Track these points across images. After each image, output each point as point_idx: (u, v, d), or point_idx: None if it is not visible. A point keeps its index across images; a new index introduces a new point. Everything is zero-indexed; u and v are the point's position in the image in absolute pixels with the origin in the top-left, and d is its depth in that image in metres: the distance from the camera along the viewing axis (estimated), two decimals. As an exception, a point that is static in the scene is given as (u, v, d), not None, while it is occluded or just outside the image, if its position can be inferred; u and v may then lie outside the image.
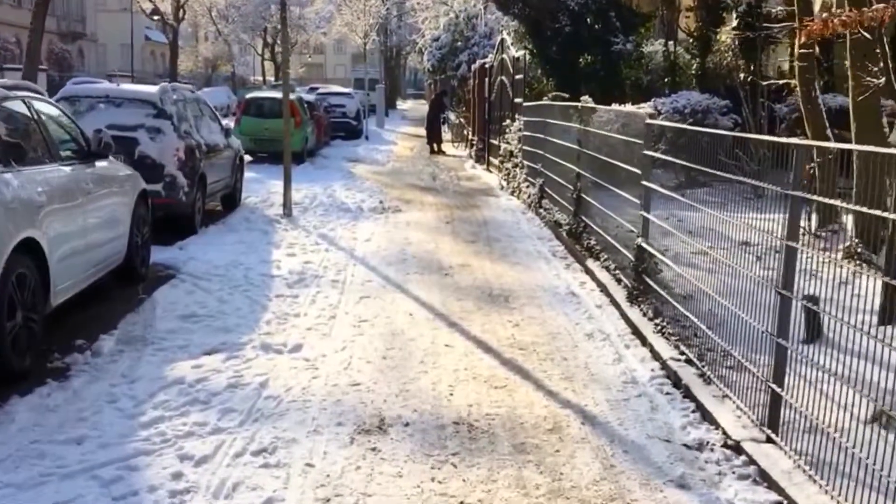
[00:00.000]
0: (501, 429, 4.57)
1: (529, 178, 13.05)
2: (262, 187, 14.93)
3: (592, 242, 8.30)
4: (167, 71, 46.28)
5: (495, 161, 18.07)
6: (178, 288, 7.39)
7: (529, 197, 12.44)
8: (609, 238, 7.87)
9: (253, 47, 58.79)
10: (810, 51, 7.84)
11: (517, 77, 15.20)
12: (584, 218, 8.94)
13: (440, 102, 25.43)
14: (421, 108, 57.48)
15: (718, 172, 5.39)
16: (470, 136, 23.12)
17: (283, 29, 11.76)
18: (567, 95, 11.79)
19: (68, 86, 10.23)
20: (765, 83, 12.21)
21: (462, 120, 25.92)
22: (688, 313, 5.51)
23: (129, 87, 10.50)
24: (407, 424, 4.60)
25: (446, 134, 26.03)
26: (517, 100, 15.00)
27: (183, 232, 10.09)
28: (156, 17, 40.28)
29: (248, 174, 17.34)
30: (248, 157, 20.38)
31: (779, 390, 4.05)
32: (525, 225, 11.24)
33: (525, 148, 13.62)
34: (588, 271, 8.08)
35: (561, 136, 10.50)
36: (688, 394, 4.89)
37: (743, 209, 5.19)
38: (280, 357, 5.70)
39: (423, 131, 26.20)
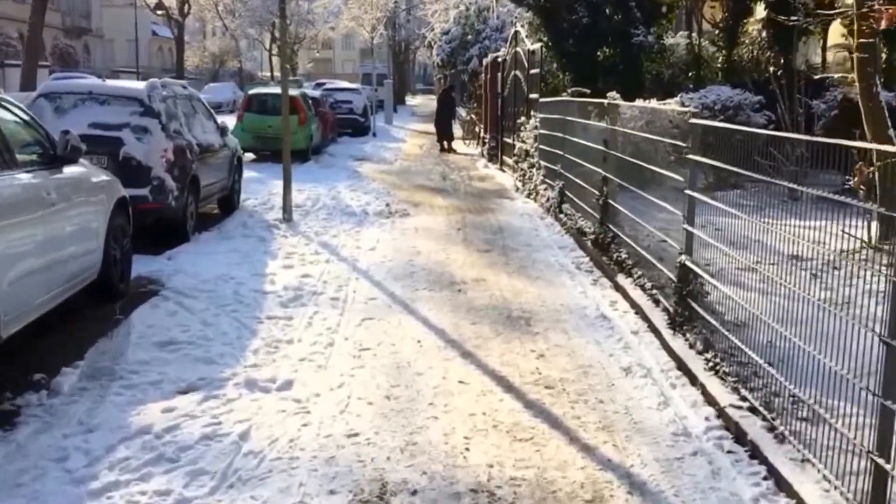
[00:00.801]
0: (530, 500, 3.73)
1: (547, 180, 12.18)
2: (263, 188, 14.13)
3: (623, 255, 7.43)
4: (175, 67, 45.59)
5: (509, 160, 17.20)
6: (159, 308, 6.58)
7: (548, 200, 11.58)
8: (642, 251, 7.00)
9: (261, 42, 58.08)
10: (871, 41, 6.94)
11: (532, 72, 14.32)
12: (611, 227, 8.08)
13: (449, 98, 24.54)
14: (431, 103, 56.58)
15: (774, 180, 4.58)
16: (482, 134, 22.24)
17: (281, 21, 10.94)
18: (588, 91, 10.92)
19: (48, 81, 9.41)
20: (816, 77, 11.26)
21: (473, 116, 25.04)
22: (745, 347, 4.66)
23: (114, 83, 9.71)
24: (414, 493, 3.77)
25: (456, 130, 25.15)
26: (532, 96, 14.13)
27: (174, 239, 9.31)
28: (160, 12, 39.56)
29: (249, 174, 16.57)
30: (250, 156, 19.67)
31: (886, 465, 3.20)
32: (544, 232, 10.38)
33: (542, 147, 12.75)
34: (619, 288, 7.21)
35: (583, 136, 9.64)
36: (756, 453, 4.03)
37: (780, 214, 4.53)
38: (266, 397, 4.88)
39: (432, 128, 25.35)
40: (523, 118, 14.59)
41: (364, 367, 5.40)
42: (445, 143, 23.53)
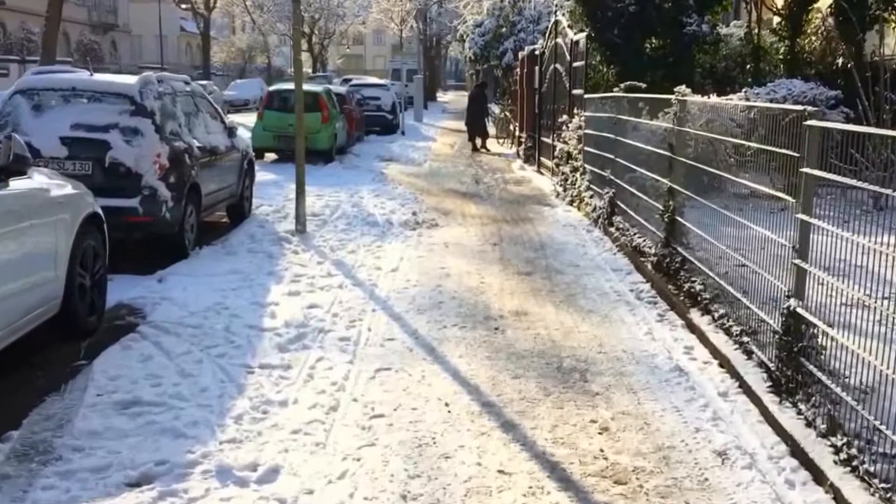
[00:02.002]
0: None
1: (594, 187, 10.83)
2: (279, 193, 12.93)
3: (697, 286, 6.08)
4: (203, 63, 44.82)
5: (548, 162, 15.86)
6: (131, 350, 5.38)
7: (595, 210, 10.23)
8: (724, 283, 5.65)
9: (289, 38, 57.17)
10: None
11: (576, 65, 12.96)
12: (679, 249, 6.73)
13: (481, 94, 23.19)
14: (462, 100, 55.19)
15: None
16: (517, 133, 20.89)
17: (294, 6, 9.72)
18: (643, 85, 9.56)
19: (26, 76, 8.29)
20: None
21: (507, 114, 23.68)
22: (887, 431, 3.34)
23: (102, 77, 8.55)
24: None
25: (490, 129, 23.80)
26: (576, 91, 12.77)
27: (170, 255, 8.16)
28: (184, 6, 38.71)
29: (267, 176, 15.42)
30: (271, 156, 18.54)
31: None
32: (593, 248, 9.03)
33: (587, 149, 11.40)
34: (693, 328, 5.86)
35: (640, 138, 8.29)
36: None
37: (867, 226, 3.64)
38: (241, 495, 3.64)
39: (464, 126, 24.05)
40: (565, 116, 13.25)
41: (375, 444, 4.14)
42: (478, 141, 22.23)
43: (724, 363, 5.13)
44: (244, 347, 5.48)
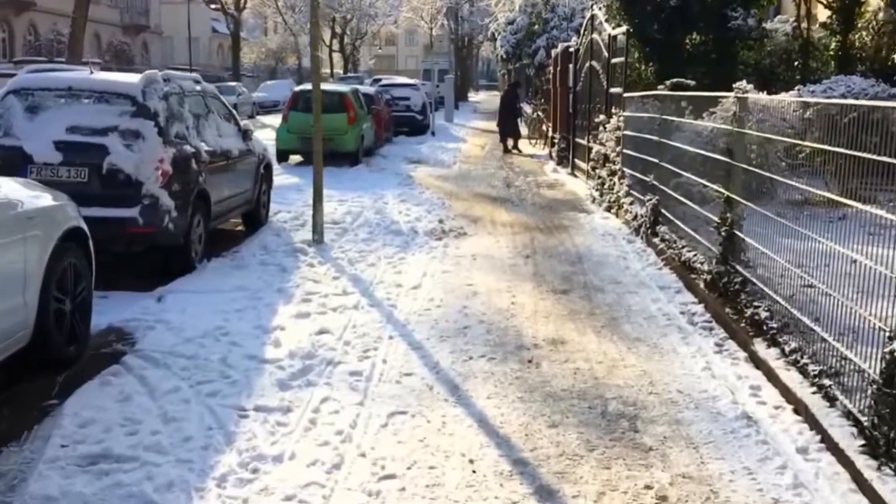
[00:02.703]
0: None
1: (634, 193, 10.01)
2: (300, 198, 12.27)
3: (762, 313, 5.26)
4: (233, 64, 44.54)
5: (582, 164, 15.03)
6: (111, 386, 4.72)
7: (636, 219, 9.41)
8: (795, 311, 4.84)
9: (321, 37, 56.83)
10: None
11: (614, 61, 12.14)
12: (739, 268, 5.91)
13: (514, 94, 22.39)
14: (494, 100, 54.37)
15: None
16: (550, 133, 20.06)
17: (312, 3, 9.04)
18: (692, 83, 8.71)
19: (21, 75, 7.69)
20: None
21: (540, 114, 22.85)
22: None
23: (102, 76, 7.93)
24: None
25: (522, 129, 22.98)
26: (614, 90, 11.95)
27: (175, 269, 7.54)
28: (213, 6, 38.43)
29: (290, 179, 14.82)
30: (297, 158, 17.93)
31: None
32: (635, 262, 8.21)
33: (627, 152, 10.58)
34: (759, 363, 5.05)
35: (688, 140, 7.48)
36: None
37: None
38: (214, 590, 2.94)
39: (495, 126, 23.27)
40: (602, 116, 12.43)
41: (383, 516, 3.42)
42: (510, 143, 21.44)
43: (801, 409, 4.31)
44: (240, 384, 4.79)
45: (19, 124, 7.10)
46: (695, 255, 7.02)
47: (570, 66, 16.65)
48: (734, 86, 6.06)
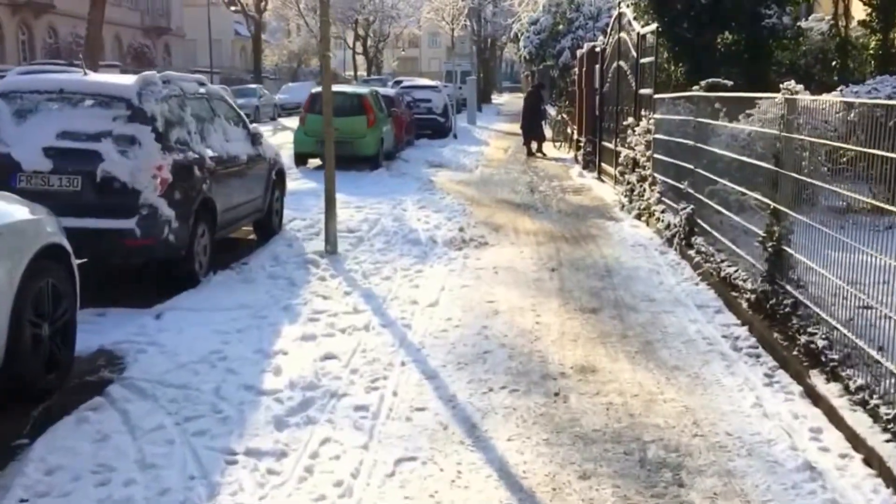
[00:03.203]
0: None
1: (666, 200, 9.41)
2: (316, 204, 11.75)
3: (819, 341, 4.66)
4: (254, 66, 44.36)
5: (610, 169, 14.43)
6: (88, 424, 4.24)
7: (669, 228, 8.81)
8: (856, 339, 4.24)
9: (344, 40, 56.54)
10: None
11: (643, 61, 11.54)
12: (789, 288, 5.31)
13: (538, 96, 21.78)
14: (517, 101, 53.70)
15: None
16: (575, 136, 19.46)
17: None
18: (729, 83, 8.11)
19: (9, 77, 7.28)
20: None
21: (564, 116, 22.24)
22: None
23: (97, 77, 7.48)
24: None
25: (546, 132, 22.36)
26: (644, 91, 11.35)
27: (177, 283, 7.08)
28: (233, 8, 38.22)
29: (308, 184, 14.36)
30: (316, 162, 17.49)
31: None
32: (669, 276, 7.61)
33: (658, 157, 9.98)
34: (817, 399, 4.45)
35: (725, 145, 6.88)
36: None
37: None
38: None
39: (518, 129, 22.70)
40: (630, 119, 11.83)
41: None
42: (534, 146, 20.84)
43: (873, 460, 3.72)
44: (232, 421, 4.29)
45: (7, 129, 6.67)
46: (736, 270, 6.42)
47: (597, 66, 16.05)
48: (782, 85, 5.47)
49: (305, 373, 4.93)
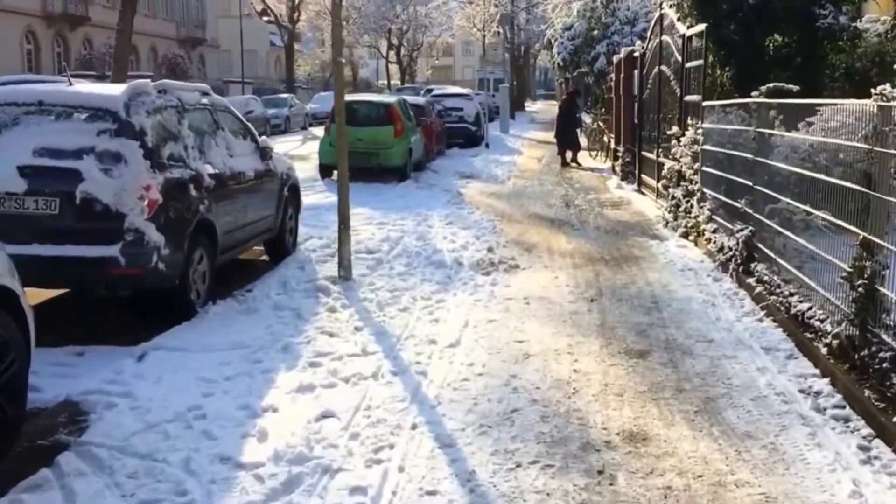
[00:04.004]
0: None
1: (719, 219, 8.46)
2: (336, 220, 10.95)
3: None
4: (286, 75, 44.05)
5: (650, 181, 13.46)
6: (24, 508, 3.45)
7: (723, 251, 7.84)
8: None
9: (377, 49, 56.11)
10: None
11: (689, 65, 10.58)
12: (886, 336, 4.35)
13: (573, 103, 20.83)
14: (551, 109, 52.72)
15: None
16: (612, 145, 18.48)
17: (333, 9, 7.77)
18: (794, 88, 7.15)
19: (-13, 87, 6.55)
20: None
21: (600, 124, 21.27)
22: None
23: (81, 88, 6.75)
24: None
25: (581, 140, 21.37)
26: (690, 98, 10.40)
27: (170, 315, 6.35)
28: (265, 18, 37.87)
29: (331, 198, 13.43)
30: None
31: None
32: (727, 309, 6.65)
33: (707, 170, 9.04)
34: (938, 490, 3.50)
35: (800, 161, 5.94)
36: None
37: None
38: None
39: (552, 137, 21.78)
40: (675, 128, 10.87)
41: None
42: (568, 155, 19.90)
43: None
44: (198, 507, 3.47)
45: (-19, 145, 5.97)
46: (810, 307, 5.46)
47: (635, 72, 15.10)
48: (875, 91, 4.53)
49: (295, 439, 4.10)
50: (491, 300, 7.04)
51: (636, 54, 15.11)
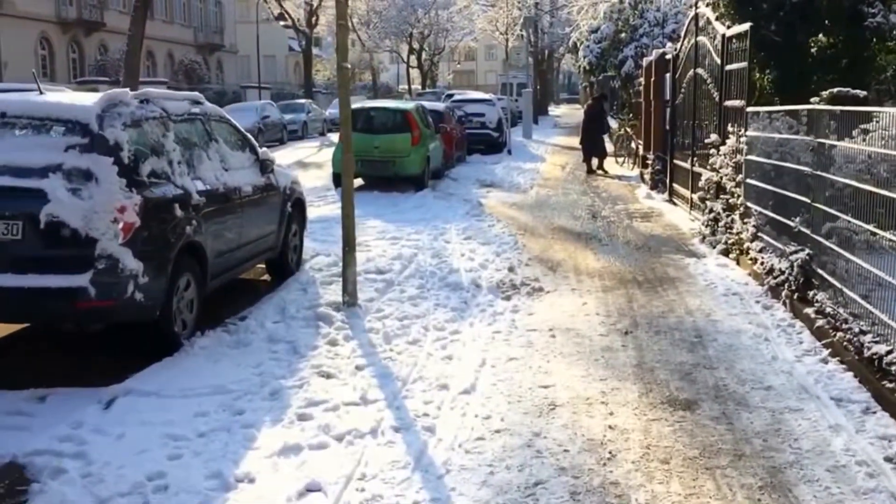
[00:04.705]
0: None
1: (766, 237, 7.61)
2: (346, 235, 10.22)
3: None
4: (304, 81, 43.52)
5: (683, 191, 12.60)
6: None
7: (773, 273, 6.99)
8: None
9: (398, 54, 55.51)
10: None
11: (730, 68, 9.72)
12: None
13: (599, 108, 19.96)
14: (575, 113, 51.80)
15: None
16: (640, 152, 17.61)
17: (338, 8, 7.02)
18: (863, 93, 6.32)
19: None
20: None
21: (628, 129, 20.39)
22: None
23: (51, 98, 6.03)
24: None
25: (607, 145, 20.50)
26: (731, 103, 9.54)
27: (150, 349, 5.68)
28: (282, 23, 37.38)
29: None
30: (357, 181, 16.04)
31: None
32: (783, 345, 5.80)
33: (752, 182, 8.20)
34: None
35: (872, 175, 5.10)
36: None
37: None
38: None
39: (577, 143, 20.94)
40: (713, 136, 10.02)
41: None
42: (594, 162, 19.05)
43: None
44: None
45: (-64, 162, 5.30)
46: (890, 350, 4.62)
47: (667, 75, 14.23)
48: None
49: (269, 526, 3.35)
50: (512, 332, 6.26)
51: (668, 56, 14.26)
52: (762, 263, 7.43)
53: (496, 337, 6.12)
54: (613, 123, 24.21)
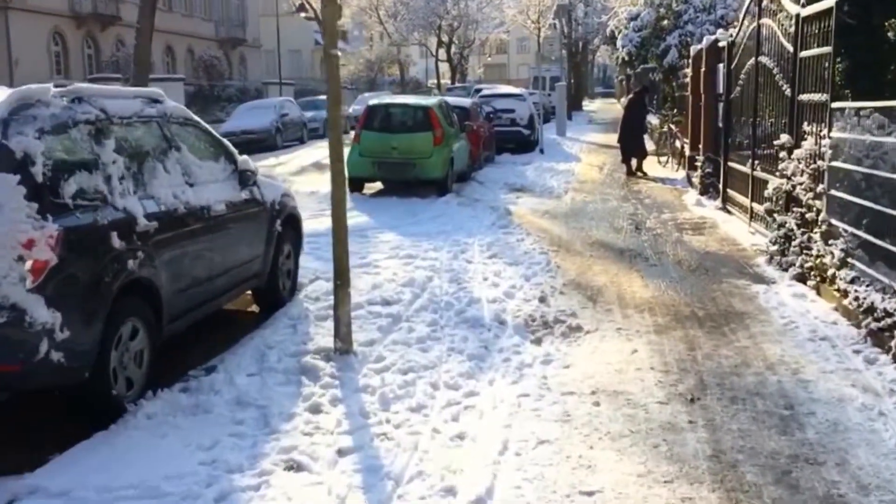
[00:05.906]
0: None
1: (861, 265, 6.13)
2: (358, 250, 9.00)
3: None
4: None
5: (741, 198, 11.09)
6: None
7: (874, 312, 5.51)
8: None
9: (427, 47, 54.10)
10: None
11: (806, 55, 8.20)
12: None
13: (640, 102, 18.40)
14: (611, 108, 50.00)
15: None
16: (686, 152, 16.04)
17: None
18: None
19: None
20: None
21: (671, 126, 18.80)
22: None
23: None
24: None
25: (648, 144, 18.95)
26: (809, 97, 8.03)
27: (84, 417, 4.44)
28: (303, 15, 36.21)
29: (359, 218, 11.47)
30: (377, 186, 14.75)
31: None
32: (906, 427, 4.37)
33: (838, 195, 6.71)
34: None
35: None
36: None
37: None
38: None
39: (614, 140, 19.41)
40: (784, 136, 8.52)
41: None
42: (634, 163, 17.52)
43: None
44: None
45: None
46: None
47: (720, 66, 12.68)
48: None
49: None
50: (543, 396, 4.87)
51: (722, 44, 12.70)
52: (856, 298, 5.96)
53: (523, 404, 4.75)
54: (654, 120, 22.62)
